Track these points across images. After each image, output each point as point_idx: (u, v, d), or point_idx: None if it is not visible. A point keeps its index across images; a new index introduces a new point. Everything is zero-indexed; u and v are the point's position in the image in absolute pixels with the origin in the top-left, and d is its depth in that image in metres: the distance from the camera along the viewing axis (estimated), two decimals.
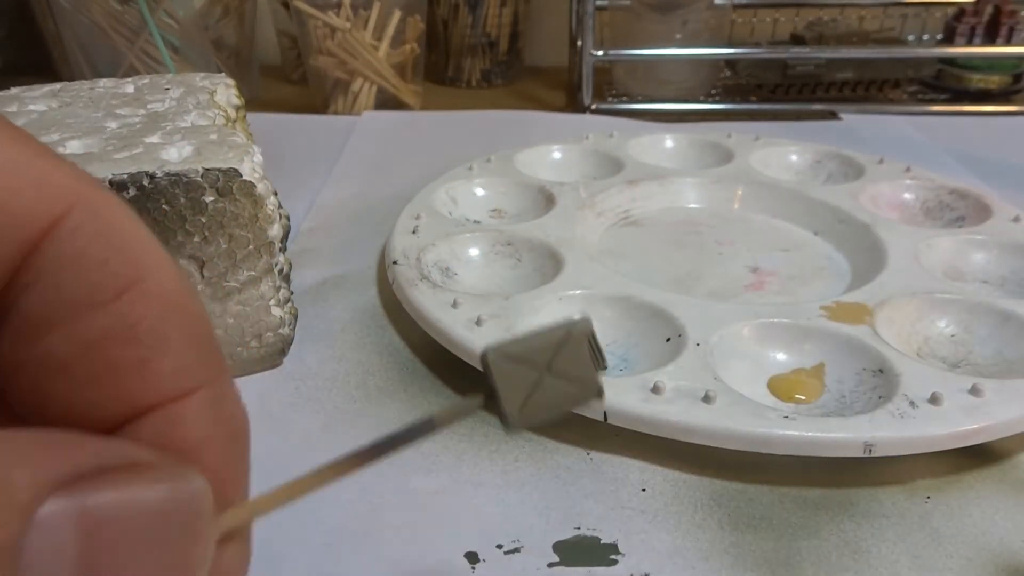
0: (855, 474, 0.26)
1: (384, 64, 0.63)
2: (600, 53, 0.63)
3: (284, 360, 0.32)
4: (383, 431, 0.13)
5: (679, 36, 0.65)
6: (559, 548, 0.23)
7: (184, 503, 0.10)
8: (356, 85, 0.63)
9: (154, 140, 0.29)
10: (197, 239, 0.28)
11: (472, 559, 0.23)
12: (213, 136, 0.30)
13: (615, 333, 0.31)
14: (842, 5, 0.72)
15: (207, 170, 0.27)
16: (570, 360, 0.13)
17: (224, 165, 0.27)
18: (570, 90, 0.71)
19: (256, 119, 0.44)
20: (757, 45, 0.69)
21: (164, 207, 0.27)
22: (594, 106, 0.65)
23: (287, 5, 0.66)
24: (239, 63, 0.67)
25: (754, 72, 0.67)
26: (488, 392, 0.13)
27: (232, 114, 0.34)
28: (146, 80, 0.37)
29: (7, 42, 0.73)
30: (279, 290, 0.30)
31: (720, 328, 0.30)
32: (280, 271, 0.30)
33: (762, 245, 0.40)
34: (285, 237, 0.30)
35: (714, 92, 0.70)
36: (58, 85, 0.36)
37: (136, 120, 0.31)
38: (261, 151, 0.29)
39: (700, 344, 0.29)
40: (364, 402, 0.30)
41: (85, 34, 0.57)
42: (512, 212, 0.43)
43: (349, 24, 0.60)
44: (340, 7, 0.60)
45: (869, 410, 0.26)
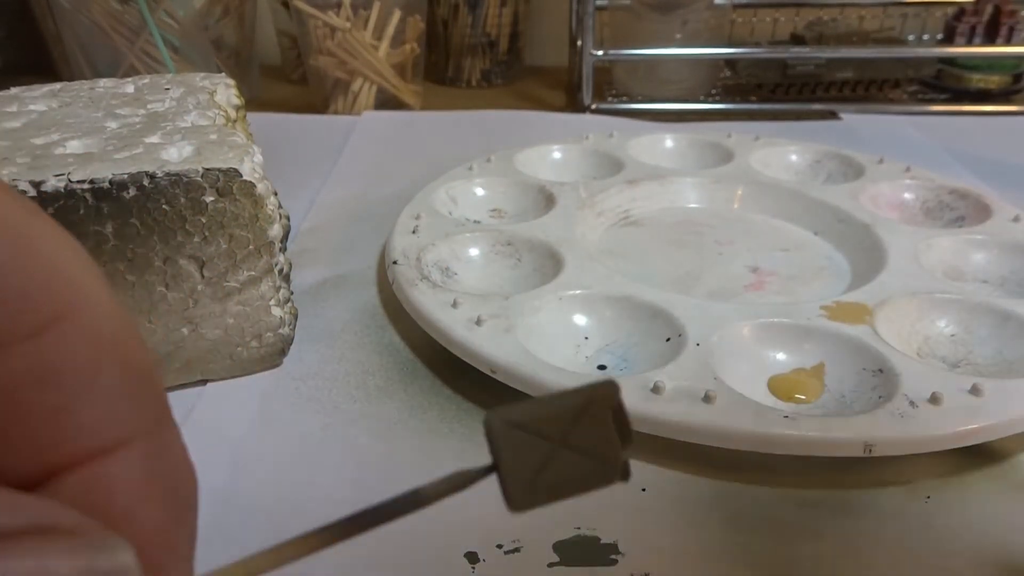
0: (855, 474, 0.26)
1: (384, 64, 0.63)
2: (600, 53, 0.63)
3: (284, 360, 0.32)
4: (365, 505, 0.11)
5: (679, 36, 0.65)
6: (559, 548, 0.23)
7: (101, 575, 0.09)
8: (356, 85, 0.63)
9: (154, 140, 0.29)
10: (197, 239, 0.28)
11: (472, 559, 0.23)
12: (213, 136, 0.30)
13: (615, 333, 0.31)
14: (842, 5, 0.72)
15: (207, 170, 0.27)
16: (590, 432, 0.12)
17: (224, 165, 0.27)
18: (570, 90, 0.71)
19: (256, 119, 0.44)
20: (757, 45, 0.69)
21: (164, 207, 0.27)
22: (594, 106, 0.65)
23: (287, 5, 0.66)
24: (239, 63, 0.67)
25: (754, 72, 0.67)
26: (492, 464, 0.11)
27: (232, 114, 0.34)
28: (146, 80, 0.37)
29: (7, 42, 0.73)
30: (279, 290, 0.30)
31: (720, 328, 0.30)
32: (280, 271, 0.30)
33: (762, 245, 0.40)
34: (285, 237, 0.30)
35: (714, 92, 0.70)
36: (58, 85, 0.36)
37: (136, 120, 0.31)
38: (261, 151, 0.29)
39: (700, 344, 0.29)
40: (364, 402, 0.30)
41: (85, 34, 0.57)
42: (512, 212, 0.43)
43: (349, 24, 0.60)
44: (340, 7, 0.60)
45: (869, 410, 0.26)
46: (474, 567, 0.23)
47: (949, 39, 0.68)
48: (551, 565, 0.23)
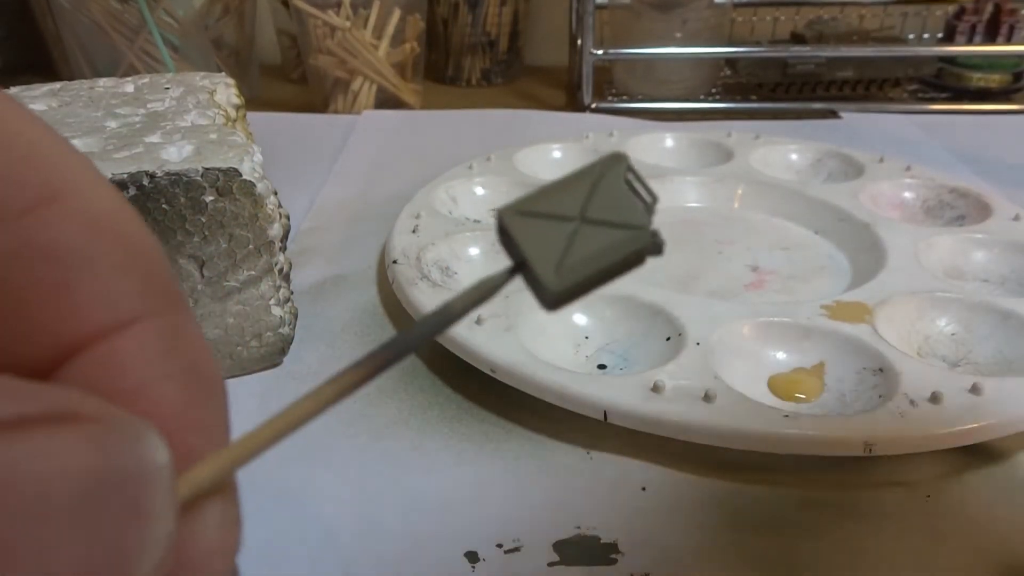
0: (855, 474, 0.26)
1: (384, 63, 0.63)
2: (600, 52, 0.63)
3: (284, 359, 0.32)
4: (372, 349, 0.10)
5: (679, 35, 0.65)
6: (559, 547, 0.23)
7: (123, 467, 0.08)
8: (356, 84, 0.63)
9: (154, 139, 0.29)
10: (197, 239, 0.28)
11: (472, 559, 0.23)
12: (213, 135, 0.30)
13: (615, 332, 0.31)
14: (842, 4, 0.72)
15: (207, 170, 0.27)
16: (609, 203, 0.11)
17: (224, 165, 0.27)
18: (570, 89, 0.71)
19: (256, 119, 0.44)
20: (757, 44, 0.69)
21: (164, 207, 0.27)
22: (594, 105, 0.65)
23: (287, 4, 0.66)
24: (239, 62, 0.67)
25: (754, 71, 0.67)
26: (515, 263, 0.11)
27: (232, 113, 0.34)
28: (146, 79, 0.37)
29: (7, 42, 0.73)
30: (279, 289, 0.30)
31: (720, 327, 0.30)
32: (280, 270, 0.30)
33: (762, 244, 0.40)
34: (285, 237, 0.30)
35: (714, 91, 0.70)
36: (58, 85, 0.36)
37: (136, 119, 0.31)
38: (261, 151, 0.29)
39: (700, 343, 0.29)
40: (364, 402, 0.30)
41: (85, 34, 0.57)
42: None
43: (349, 23, 0.60)
44: (340, 6, 0.60)
45: (869, 409, 0.26)
46: (474, 567, 0.23)
47: (949, 38, 0.68)
48: (551, 564, 0.23)
